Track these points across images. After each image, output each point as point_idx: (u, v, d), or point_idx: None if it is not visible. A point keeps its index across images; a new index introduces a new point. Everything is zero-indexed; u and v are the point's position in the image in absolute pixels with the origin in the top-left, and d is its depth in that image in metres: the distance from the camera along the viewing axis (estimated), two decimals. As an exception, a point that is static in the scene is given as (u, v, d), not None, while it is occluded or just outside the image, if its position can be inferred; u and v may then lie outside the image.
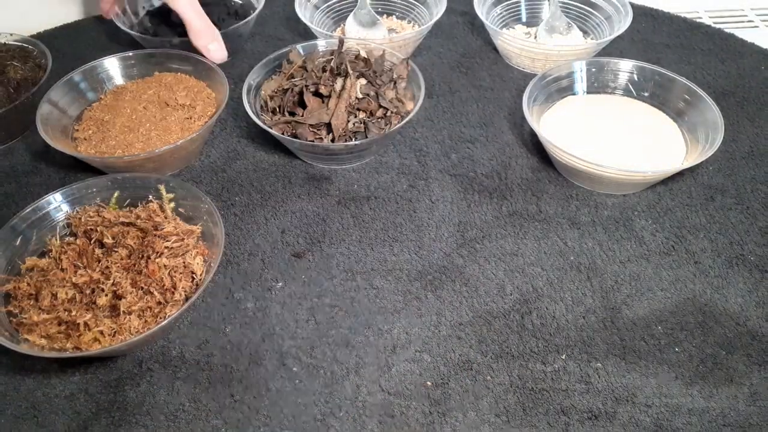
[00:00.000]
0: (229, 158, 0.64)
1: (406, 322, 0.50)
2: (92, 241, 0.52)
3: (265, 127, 0.59)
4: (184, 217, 0.54)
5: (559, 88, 0.66)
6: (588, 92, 0.67)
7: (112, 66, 0.68)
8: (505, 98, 0.70)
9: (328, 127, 0.60)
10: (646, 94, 0.65)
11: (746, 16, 0.87)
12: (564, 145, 0.57)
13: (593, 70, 0.66)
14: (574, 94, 0.66)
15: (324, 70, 0.63)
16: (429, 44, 0.78)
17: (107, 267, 0.50)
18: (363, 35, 0.76)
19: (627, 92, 0.66)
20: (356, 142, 0.59)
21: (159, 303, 0.48)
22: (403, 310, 0.51)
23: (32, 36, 0.75)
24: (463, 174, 0.62)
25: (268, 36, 0.81)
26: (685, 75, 0.64)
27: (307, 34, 0.79)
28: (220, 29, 0.74)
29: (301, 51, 0.67)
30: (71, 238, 0.54)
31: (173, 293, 0.49)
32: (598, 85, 0.67)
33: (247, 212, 0.59)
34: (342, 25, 0.79)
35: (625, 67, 0.66)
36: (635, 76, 0.65)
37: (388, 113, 0.61)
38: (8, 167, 0.64)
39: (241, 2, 0.80)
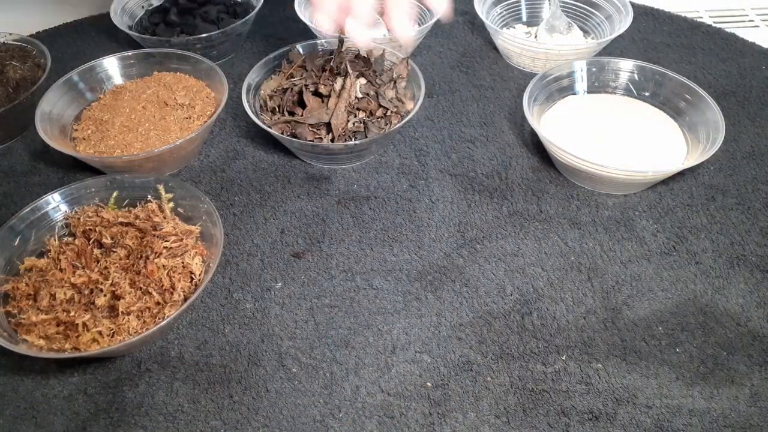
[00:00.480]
0: (228, 158, 0.64)
1: (405, 323, 0.50)
2: (91, 242, 0.52)
3: (264, 126, 0.58)
4: (183, 217, 0.54)
5: (559, 87, 0.65)
6: (589, 92, 0.66)
7: (110, 66, 0.68)
8: (505, 98, 0.70)
9: (328, 126, 0.59)
10: (646, 94, 0.65)
11: (747, 15, 0.87)
12: (564, 145, 0.57)
13: (594, 69, 0.66)
14: (574, 93, 0.66)
15: (324, 70, 0.63)
16: (429, 44, 0.78)
17: (106, 267, 0.50)
18: (363, 35, 0.75)
19: (628, 92, 0.66)
20: (356, 142, 0.58)
21: (158, 303, 0.48)
22: (402, 310, 0.51)
23: (31, 36, 0.75)
24: (463, 174, 0.62)
25: (267, 35, 0.81)
26: (686, 74, 0.63)
27: (306, 34, 0.79)
28: (218, 28, 0.74)
29: (300, 50, 0.67)
30: (70, 239, 0.53)
31: (172, 294, 0.48)
32: (599, 84, 0.66)
33: (246, 212, 0.59)
34: (342, 24, 0.79)
35: (626, 67, 0.65)
36: (636, 76, 0.65)
37: (388, 113, 0.61)
38: (7, 167, 0.64)
39: (240, 1, 0.80)
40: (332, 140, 0.59)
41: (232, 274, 0.54)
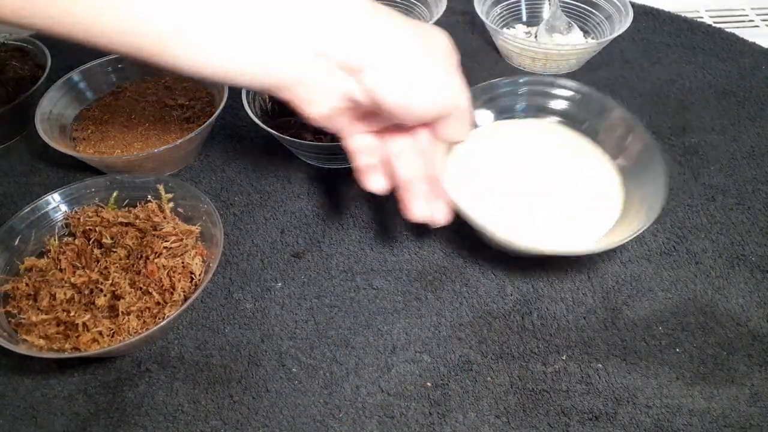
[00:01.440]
0: (228, 158, 0.64)
1: (405, 323, 0.50)
2: (91, 242, 0.52)
3: (264, 126, 0.58)
4: (183, 217, 0.54)
5: (499, 106, 0.57)
6: (525, 116, 0.58)
7: (110, 65, 0.68)
8: (505, 98, 0.70)
9: (328, 126, 0.59)
10: (583, 126, 0.56)
11: (747, 15, 0.87)
12: (472, 190, 0.50)
13: (529, 89, 0.57)
14: (511, 114, 0.58)
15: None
16: (429, 44, 0.78)
17: (106, 267, 0.50)
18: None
19: (564, 120, 0.57)
20: (356, 142, 0.58)
21: (158, 303, 0.48)
22: (403, 310, 0.51)
23: (31, 36, 0.75)
24: (463, 174, 0.62)
25: (267, 35, 0.81)
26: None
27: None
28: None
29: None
30: (70, 239, 0.53)
31: (172, 294, 0.48)
32: (534, 109, 0.57)
33: (246, 212, 0.59)
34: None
35: (564, 92, 0.56)
36: (576, 103, 0.56)
37: (388, 113, 0.61)
38: (7, 167, 0.64)
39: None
40: (332, 140, 0.59)
41: (232, 274, 0.54)
